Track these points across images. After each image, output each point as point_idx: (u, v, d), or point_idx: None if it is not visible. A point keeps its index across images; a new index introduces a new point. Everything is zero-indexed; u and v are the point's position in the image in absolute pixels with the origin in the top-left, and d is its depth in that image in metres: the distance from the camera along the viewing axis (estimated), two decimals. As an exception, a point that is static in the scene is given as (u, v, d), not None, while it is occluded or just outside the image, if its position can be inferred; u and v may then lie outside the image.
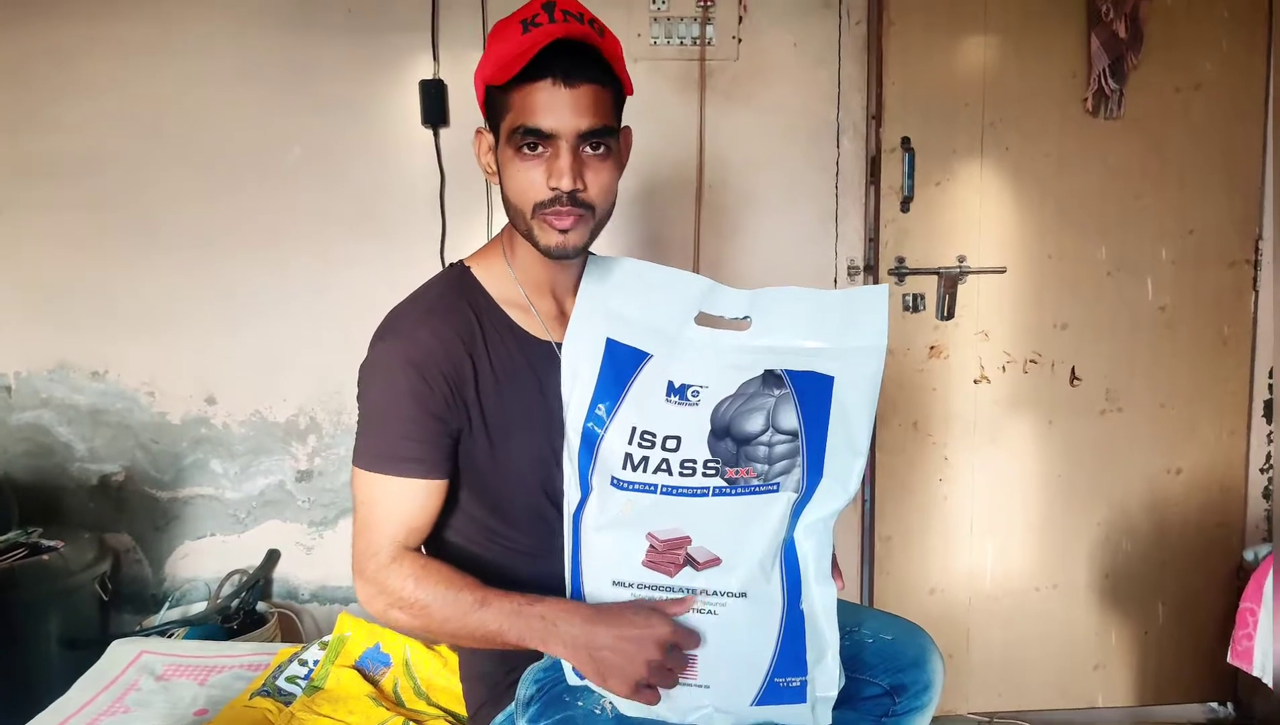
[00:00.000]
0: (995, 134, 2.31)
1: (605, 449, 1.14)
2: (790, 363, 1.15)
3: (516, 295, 1.27)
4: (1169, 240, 2.37)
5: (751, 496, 1.10)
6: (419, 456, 1.18)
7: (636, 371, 1.17)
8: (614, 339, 1.20)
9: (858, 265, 2.35)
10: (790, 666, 1.09)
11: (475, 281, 1.27)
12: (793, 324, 1.18)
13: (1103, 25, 2.23)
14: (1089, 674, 2.49)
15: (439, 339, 1.19)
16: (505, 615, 1.12)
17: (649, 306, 1.21)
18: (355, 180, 2.31)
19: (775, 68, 2.30)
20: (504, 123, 1.18)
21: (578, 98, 1.14)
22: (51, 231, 2.31)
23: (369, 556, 1.18)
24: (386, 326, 1.23)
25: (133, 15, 2.26)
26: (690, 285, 1.22)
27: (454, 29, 2.25)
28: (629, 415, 1.15)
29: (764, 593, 1.09)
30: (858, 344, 1.15)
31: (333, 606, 2.40)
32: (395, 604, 1.17)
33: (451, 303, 1.24)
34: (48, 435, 2.34)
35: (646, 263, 1.26)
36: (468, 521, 1.26)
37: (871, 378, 1.14)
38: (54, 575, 2.04)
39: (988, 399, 2.40)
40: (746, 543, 1.09)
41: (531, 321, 1.27)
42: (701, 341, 1.19)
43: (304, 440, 2.37)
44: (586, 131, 1.15)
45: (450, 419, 1.19)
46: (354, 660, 1.64)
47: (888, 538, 2.42)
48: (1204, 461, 2.44)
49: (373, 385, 1.21)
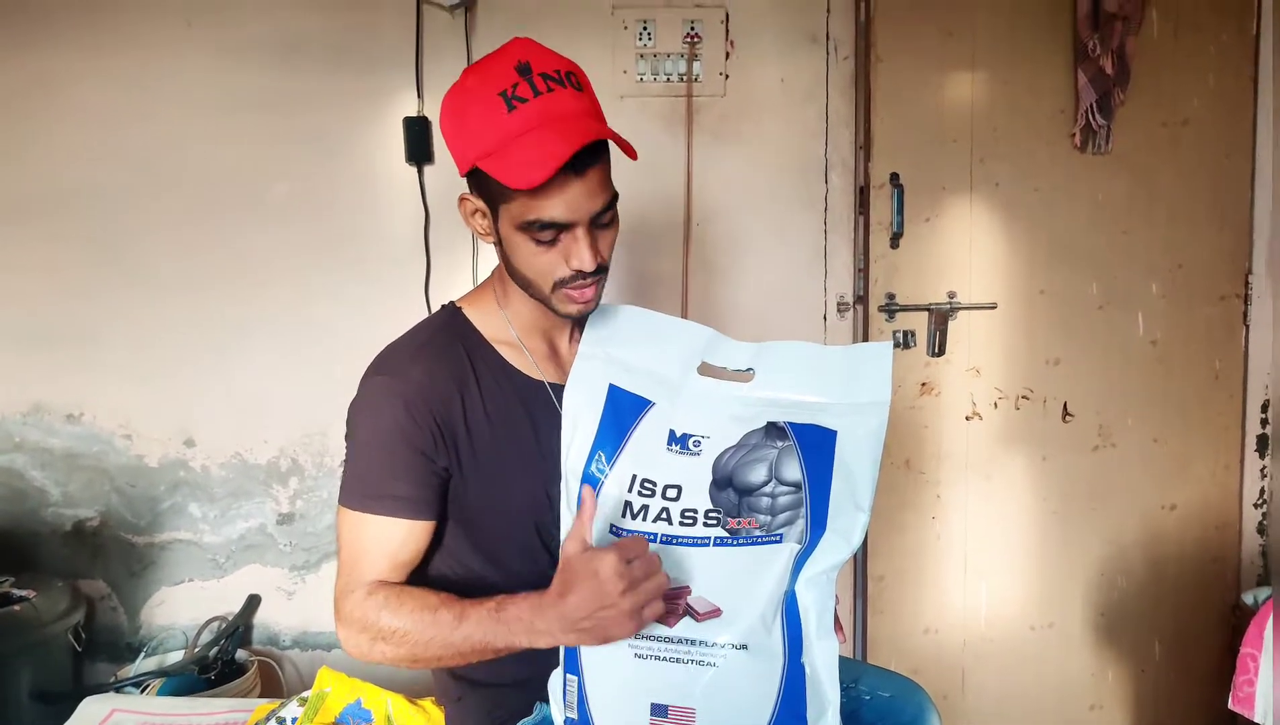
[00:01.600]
0: (984, 169, 2.30)
1: (604, 496, 1.13)
2: (793, 416, 1.14)
3: (508, 335, 1.27)
4: (1159, 275, 2.36)
5: (754, 547, 1.09)
6: (406, 495, 1.17)
7: (638, 419, 1.17)
8: (616, 386, 1.19)
9: (847, 301, 2.33)
10: (790, 723, 1.07)
11: (467, 321, 1.27)
12: (796, 378, 1.17)
13: (1089, 61, 2.23)
14: (1086, 714, 2.45)
15: (430, 377, 1.18)
16: (485, 623, 1.10)
17: (651, 355, 1.21)
18: (339, 218, 2.28)
19: (763, 104, 2.29)
20: (506, 206, 1.15)
21: (588, 183, 1.13)
22: (28, 268, 2.27)
23: (346, 594, 1.17)
24: (378, 363, 1.22)
25: (114, 48, 2.23)
26: (693, 335, 1.22)
27: (438, 66, 2.23)
28: (629, 463, 1.14)
29: (765, 645, 1.07)
30: (861, 400, 1.14)
31: (315, 652, 2.35)
32: (378, 637, 1.14)
33: (444, 342, 1.23)
34: (21, 480, 2.29)
35: (649, 311, 1.26)
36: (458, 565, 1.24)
37: (875, 434, 1.13)
38: (25, 626, 1.98)
39: (980, 436, 2.38)
40: (748, 594, 1.08)
41: (524, 361, 1.26)
42: (704, 392, 1.19)
43: (285, 483, 2.32)
44: (600, 210, 1.15)
45: (439, 458, 1.17)
46: (334, 717, 1.59)
47: (880, 577, 2.38)
48: (1198, 497, 2.42)
49: (361, 423, 1.19)
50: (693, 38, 2.24)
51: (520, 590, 1.20)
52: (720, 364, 1.21)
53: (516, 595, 1.11)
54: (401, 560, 1.19)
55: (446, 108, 1.17)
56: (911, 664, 2.35)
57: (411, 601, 1.14)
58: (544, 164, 1.07)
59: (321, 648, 2.34)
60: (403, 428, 1.15)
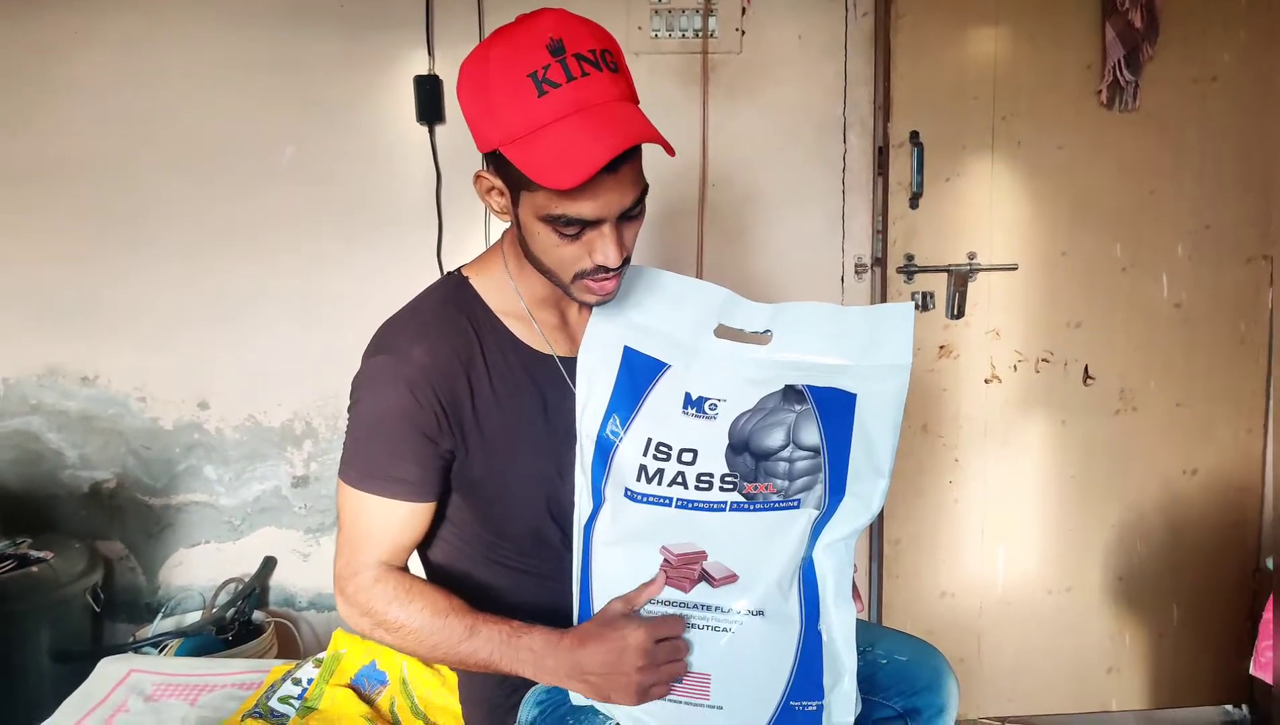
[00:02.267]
0: (1007, 128, 2.26)
1: (619, 460, 1.12)
2: (812, 379, 1.12)
3: (517, 307, 1.22)
4: (1185, 236, 2.31)
5: (771, 512, 1.08)
6: (408, 478, 1.15)
7: (654, 382, 1.15)
8: (632, 348, 1.18)
9: (865, 263, 2.30)
10: (806, 690, 1.06)
11: (474, 293, 1.22)
12: (815, 340, 1.15)
13: (1118, 15, 2.17)
14: (1103, 677, 2.44)
15: (434, 357, 1.14)
16: (495, 645, 1.11)
17: (667, 317, 1.19)
18: (349, 180, 2.25)
19: (780, 61, 2.24)
20: (530, 195, 1.07)
21: (621, 181, 1.06)
22: (40, 234, 2.25)
23: (350, 575, 1.16)
24: (380, 340, 1.19)
25: (120, 11, 2.20)
26: (709, 296, 1.20)
27: (449, 23, 2.19)
28: (645, 426, 1.13)
29: (781, 612, 1.06)
30: (881, 362, 1.12)
31: (330, 613, 2.36)
32: (379, 625, 1.14)
33: (449, 317, 1.19)
34: (37, 442, 2.29)
35: (665, 272, 1.23)
36: (469, 540, 1.23)
37: (895, 397, 1.11)
38: (44, 587, 1.99)
39: (999, 399, 2.35)
40: (765, 560, 1.06)
41: (532, 334, 1.22)
42: (720, 354, 1.17)
43: (300, 445, 2.32)
44: (630, 205, 1.09)
45: (443, 441, 1.15)
46: (349, 678, 1.59)
47: (897, 541, 2.37)
48: (1220, 462, 2.39)
49: (363, 400, 1.17)
50: (709, -7, 2.20)
51: (532, 566, 1.22)
52: (737, 326, 1.18)
53: (535, 627, 1.11)
54: (403, 542, 1.18)
55: (467, 78, 1.07)
56: (927, 628, 2.34)
57: (421, 599, 1.13)
58: (580, 166, 0.99)
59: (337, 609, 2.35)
60: (406, 409, 1.12)
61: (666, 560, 1.08)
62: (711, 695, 1.06)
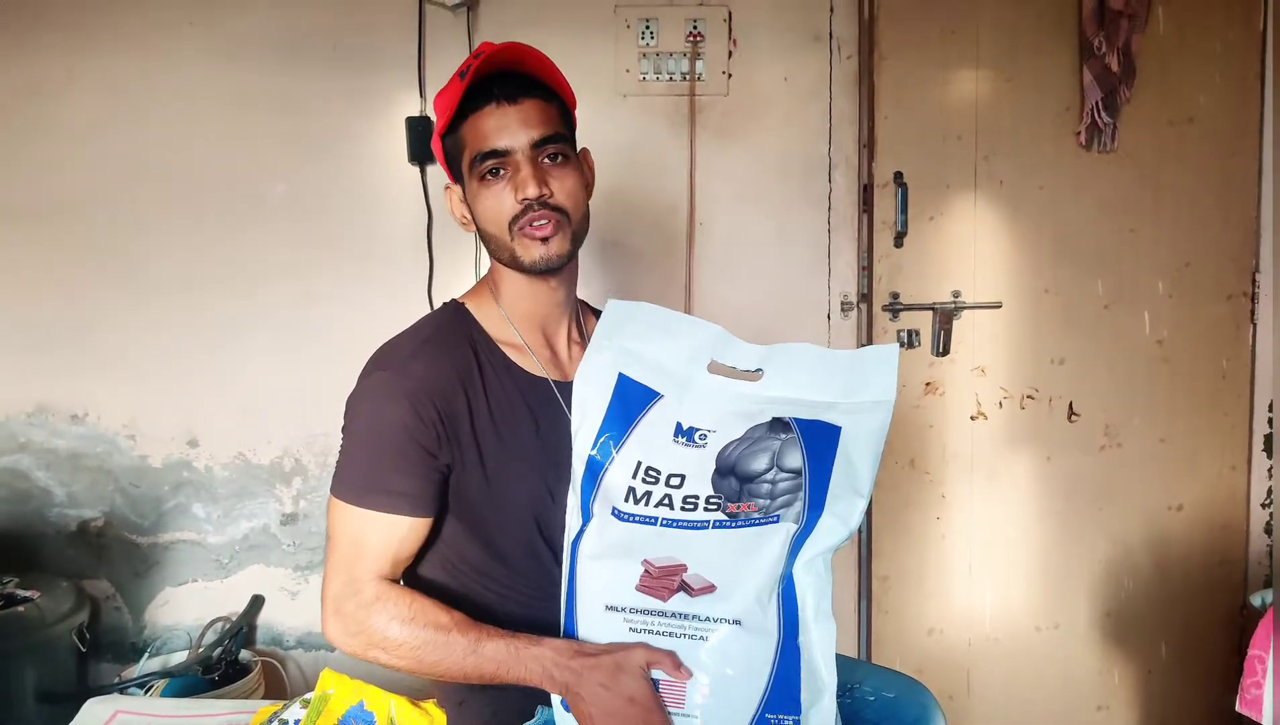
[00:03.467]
0: (989, 167, 2.29)
1: (609, 480, 1.15)
2: (798, 412, 1.16)
3: (510, 334, 1.27)
4: (1165, 274, 2.34)
5: (751, 528, 1.10)
6: (407, 491, 1.16)
7: (646, 409, 1.19)
8: (626, 375, 1.22)
9: (851, 301, 2.32)
10: (783, 704, 1.07)
11: (472, 318, 1.28)
12: (804, 379, 1.19)
13: (1095, 59, 2.22)
14: (1092, 715, 2.43)
15: (434, 372, 1.17)
16: (501, 658, 1.12)
17: (662, 349, 1.24)
18: (341, 218, 2.27)
19: (766, 103, 2.28)
20: (463, 162, 1.22)
21: (524, 111, 1.19)
22: (30, 272, 2.27)
23: (349, 595, 1.15)
24: (379, 359, 1.22)
25: (113, 50, 2.23)
26: (704, 333, 1.24)
27: (440, 65, 2.22)
28: (635, 450, 1.17)
29: (759, 623, 1.08)
30: (866, 399, 1.16)
31: (319, 653, 2.34)
32: (376, 644, 1.14)
33: (449, 337, 1.23)
34: (25, 480, 2.29)
35: (663, 308, 1.28)
36: (458, 560, 1.24)
37: (878, 430, 1.15)
38: (30, 627, 1.98)
39: (985, 436, 2.37)
40: (744, 572, 1.09)
41: (526, 360, 1.27)
42: (712, 388, 1.21)
43: (289, 483, 2.32)
44: (540, 140, 1.20)
45: (441, 455, 1.17)
46: (337, 719, 1.57)
47: (885, 577, 2.37)
48: (1205, 497, 2.40)
49: (362, 415, 1.19)
50: (695, 36, 2.24)
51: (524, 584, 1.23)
52: (730, 363, 1.22)
53: (544, 639, 1.12)
54: (400, 558, 1.19)
55: None
56: (916, 664, 2.34)
57: (423, 617, 1.13)
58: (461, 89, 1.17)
59: (326, 648, 2.33)
60: (406, 423, 1.14)
61: (647, 572, 1.10)
62: (687, 704, 1.07)
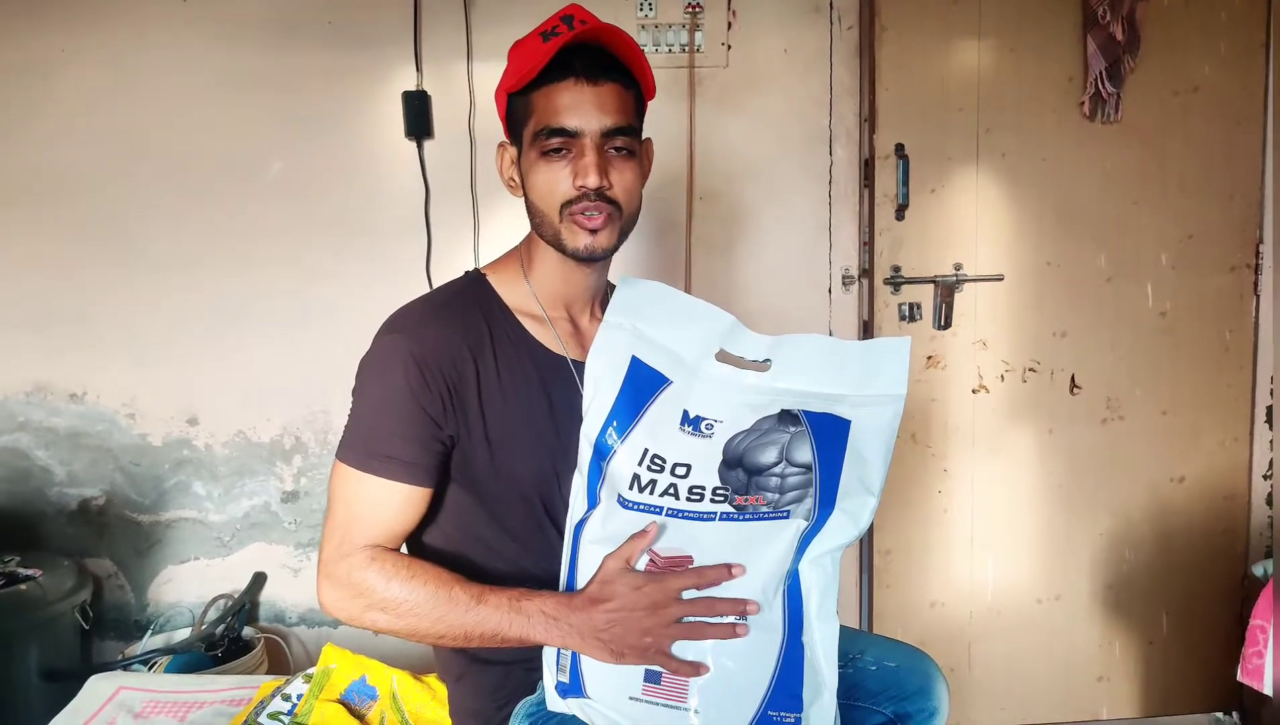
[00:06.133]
0: (991, 139, 2.27)
1: (615, 466, 1.14)
2: (808, 405, 1.14)
3: (533, 307, 1.26)
4: (1168, 245, 2.33)
5: (759, 522, 1.08)
6: (408, 459, 1.15)
7: (655, 395, 1.17)
8: (639, 359, 1.20)
9: (852, 274, 2.31)
10: (785, 701, 1.06)
11: (490, 288, 1.26)
12: (813, 371, 1.17)
13: (1099, 28, 2.20)
14: (1093, 686, 2.44)
15: (444, 339, 1.16)
16: (503, 612, 1.10)
17: (674, 334, 1.21)
18: (338, 195, 2.26)
19: (766, 75, 2.26)
20: (527, 128, 1.18)
21: (601, 95, 1.15)
22: (28, 250, 2.26)
23: (341, 557, 1.14)
24: (393, 322, 1.21)
25: (109, 27, 2.21)
26: (714, 321, 1.22)
27: (437, 40, 2.21)
28: (642, 437, 1.15)
29: (765, 619, 1.06)
30: (877, 392, 1.14)
31: (321, 629, 2.36)
32: (374, 605, 1.12)
33: (462, 306, 1.22)
34: (25, 459, 2.29)
35: (674, 290, 1.26)
36: (462, 532, 1.23)
37: (889, 424, 1.13)
38: (32, 605, 1.99)
39: (987, 409, 2.36)
40: (750, 566, 1.07)
41: (547, 334, 1.25)
42: (720, 377, 1.19)
43: (289, 461, 2.32)
44: (611, 129, 1.16)
45: (446, 425, 1.16)
46: (339, 693, 1.59)
47: (887, 551, 2.38)
48: (1207, 469, 2.40)
49: (370, 379, 1.18)
50: (694, 8, 2.21)
51: (531, 560, 1.22)
52: (738, 353, 1.20)
53: (542, 591, 1.11)
54: (397, 527, 1.17)
55: None
56: (918, 637, 2.33)
57: (423, 574, 1.12)
58: (546, 56, 1.11)
59: (328, 624, 2.34)
60: (412, 388, 1.14)
61: (652, 561, 1.08)
62: (689, 698, 1.06)
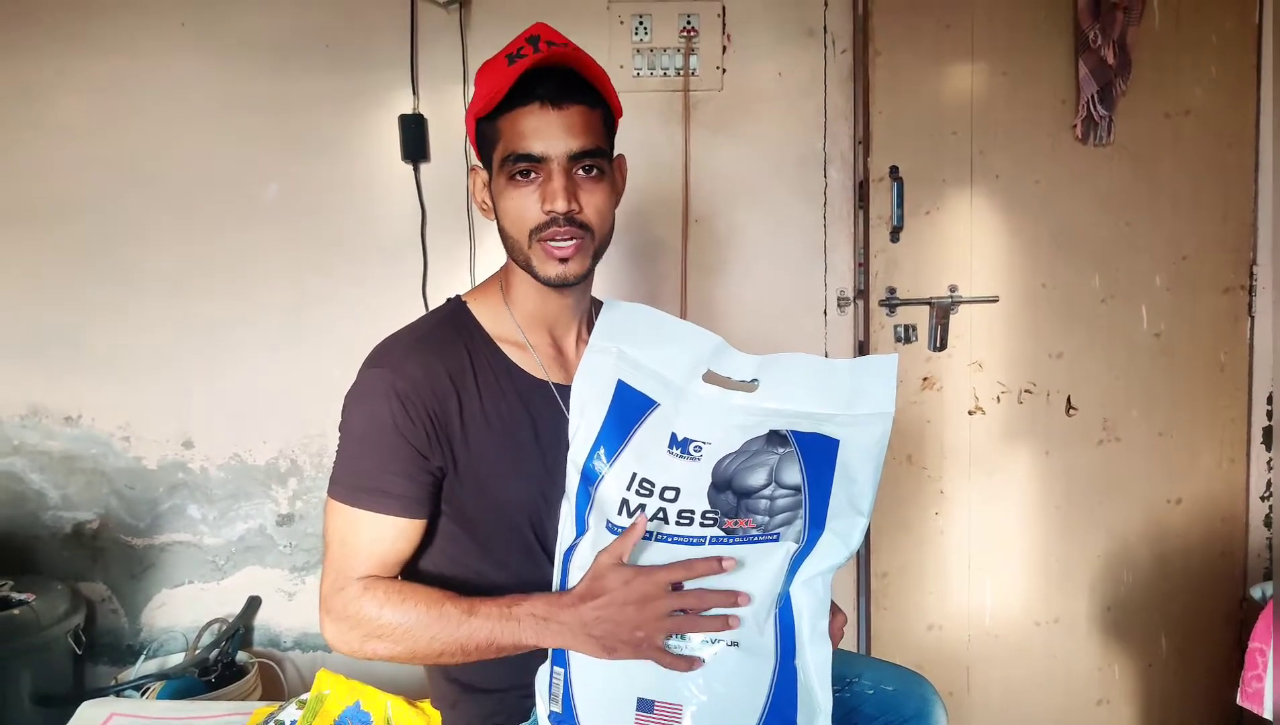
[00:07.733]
0: (985, 162, 2.28)
1: (603, 492, 1.13)
2: (796, 425, 1.13)
3: (514, 333, 1.25)
4: (1163, 267, 2.34)
5: (749, 545, 1.08)
6: (397, 492, 1.15)
7: (642, 419, 1.17)
8: (625, 382, 1.19)
9: (848, 296, 2.31)
10: None
11: (471, 317, 1.25)
12: (800, 390, 1.16)
13: (1090, 52, 2.21)
14: (1093, 709, 2.43)
15: (425, 372, 1.16)
16: (494, 620, 1.10)
17: (660, 357, 1.21)
18: (335, 218, 2.26)
19: (760, 98, 2.27)
20: (495, 153, 1.18)
21: (567, 119, 1.14)
22: (23, 274, 2.26)
23: (337, 591, 1.15)
24: (375, 355, 1.21)
25: (104, 50, 2.22)
26: (702, 342, 1.22)
27: (433, 63, 2.22)
28: (630, 461, 1.14)
29: (756, 644, 1.06)
30: (864, 411, 1.14)
31: (316, 654, 2.34)
32: (373, 634, 1.13)
33: (443, 336, 1.22)
34: (19, 483, 2.28)
35: (660, 312, 1.26)
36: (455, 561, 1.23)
37: (878, 443, 1.12)
38: (25, 629, 1.97)
39: (983, 430, 2.36)
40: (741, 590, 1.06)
41: (529, 360, 1.25)
42: (708, 398, 1.19)
43: (285, 483, 2.32)
44: (578, 152, 1.15)
45: (432, 456, 1.16)
46: (333, 720, 1.57)
47: (884, 574, 2.37)
48: (1204, 490, 2.40)
49: (355, 414, 1.18)
50: (689, 32, 2.23)
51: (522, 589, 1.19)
52: (725, 373, 1.20)
53: (531, 594, 1.11)
54: (391, 559, 1.17)
55: None
56: (916, 661, 2.32)
57: (415, 596, 1.13)
58: (510, 81, 1.11)
59: (323, 649, 2.33)
60: (397, 422, 1.14)
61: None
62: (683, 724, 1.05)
